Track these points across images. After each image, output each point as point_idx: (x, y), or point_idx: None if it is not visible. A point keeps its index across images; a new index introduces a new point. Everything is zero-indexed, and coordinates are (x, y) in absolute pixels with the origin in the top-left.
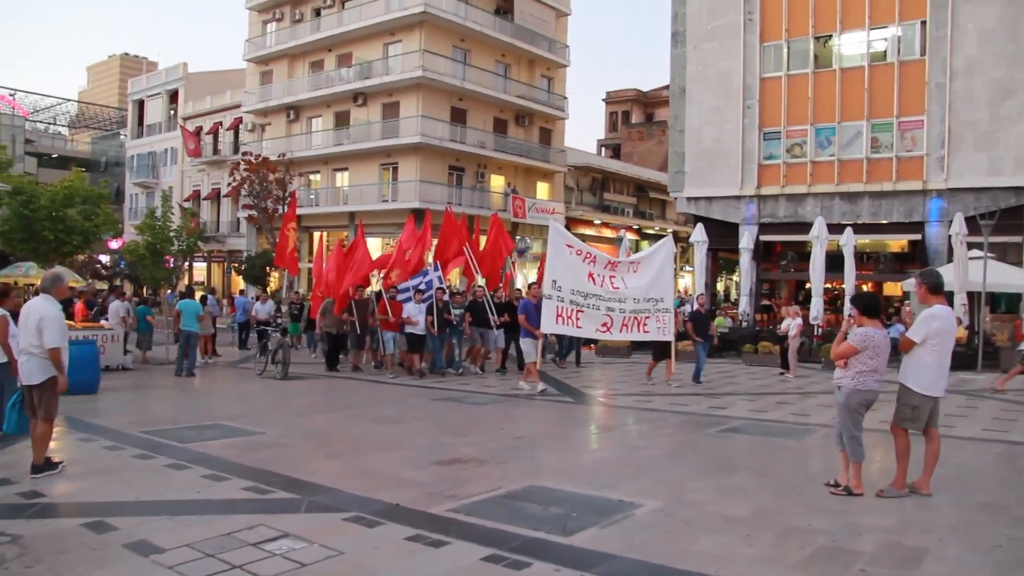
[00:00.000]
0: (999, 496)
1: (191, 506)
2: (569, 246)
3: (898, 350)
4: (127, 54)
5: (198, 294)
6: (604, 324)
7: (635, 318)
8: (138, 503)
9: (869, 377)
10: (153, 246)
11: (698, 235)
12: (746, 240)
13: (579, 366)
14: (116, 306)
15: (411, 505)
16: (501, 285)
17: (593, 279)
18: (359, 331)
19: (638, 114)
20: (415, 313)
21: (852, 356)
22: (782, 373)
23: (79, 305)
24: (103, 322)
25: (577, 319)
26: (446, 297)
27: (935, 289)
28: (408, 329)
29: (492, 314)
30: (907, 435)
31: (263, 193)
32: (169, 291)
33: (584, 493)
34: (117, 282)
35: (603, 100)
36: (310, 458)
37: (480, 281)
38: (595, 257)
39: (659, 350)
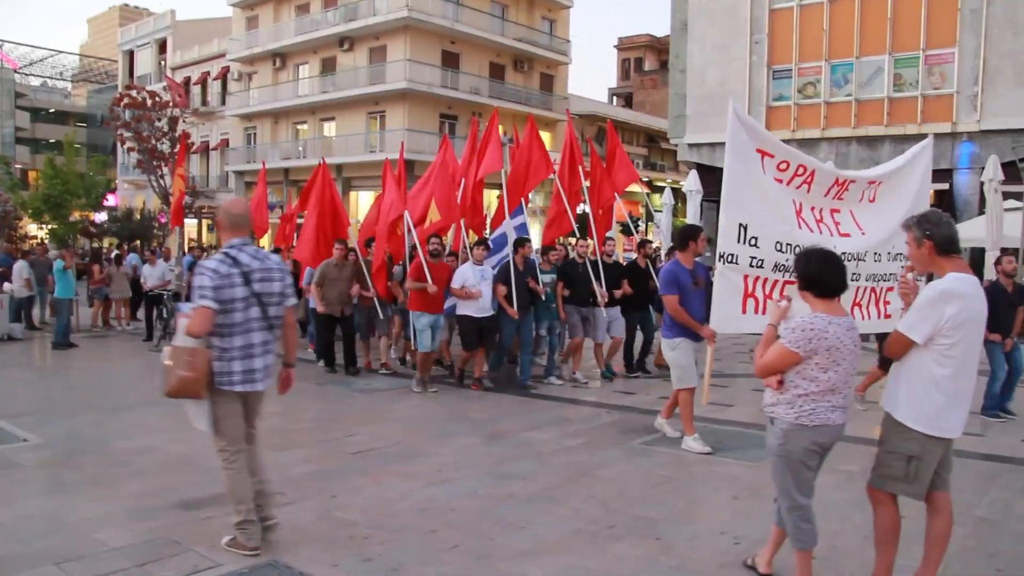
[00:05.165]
0: None
1: None
2: (761, 152)
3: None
4: (127, 5)
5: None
6: None
7: (871, 290)
8: None
9: (820, 403)
10: (50, 198)
11: (692, 184)
12: None
13: None
14: (19, 267)
15: None
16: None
17: (803, 219)
18: (378, 312)
19: (651, 61)
20: (474, 281)
21: (789, 368)
22: None
23: None
24: (5, 285)
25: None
26: (532, 254)
27: (946, 246)
28: (463, 309)
29: (598, 283)
30: (896, 504)
31: (151, 134)
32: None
33: None
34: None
35: (614, 47)
36: (21, 491)
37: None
38: (812, 174)
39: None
